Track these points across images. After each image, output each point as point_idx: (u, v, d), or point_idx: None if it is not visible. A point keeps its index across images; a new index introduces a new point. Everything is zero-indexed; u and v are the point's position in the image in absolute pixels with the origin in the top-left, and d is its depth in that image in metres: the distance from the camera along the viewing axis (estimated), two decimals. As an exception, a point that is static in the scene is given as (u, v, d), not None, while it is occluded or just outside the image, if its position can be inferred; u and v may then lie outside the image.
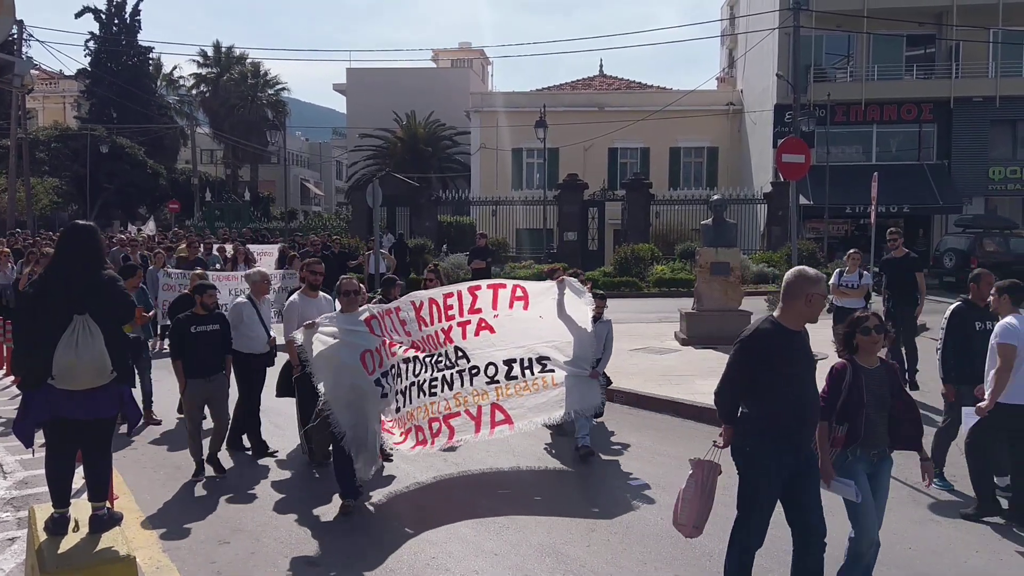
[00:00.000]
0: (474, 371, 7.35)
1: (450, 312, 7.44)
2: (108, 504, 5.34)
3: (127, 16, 54.39)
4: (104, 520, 5.17)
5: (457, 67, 57.18)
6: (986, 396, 6.50)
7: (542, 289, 7.82)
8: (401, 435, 7.05)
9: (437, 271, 10.26)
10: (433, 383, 7.21)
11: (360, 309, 6.95)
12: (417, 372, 7.12)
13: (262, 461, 8.35)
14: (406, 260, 25.34)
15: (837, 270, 12.03)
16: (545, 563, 5.77)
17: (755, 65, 36.72)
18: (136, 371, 8.87)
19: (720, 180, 38.38)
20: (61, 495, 5.15)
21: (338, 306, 7.32)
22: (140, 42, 55.08)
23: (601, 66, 47.91)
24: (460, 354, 7.34)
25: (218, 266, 16.82)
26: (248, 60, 59.91)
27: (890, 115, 32.61)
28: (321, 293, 8.29)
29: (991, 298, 6.89)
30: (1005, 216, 30.00)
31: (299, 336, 6.76)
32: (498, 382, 7.34)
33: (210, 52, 59.21)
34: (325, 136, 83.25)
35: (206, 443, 7.94)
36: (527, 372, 7.41)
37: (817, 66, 33.12)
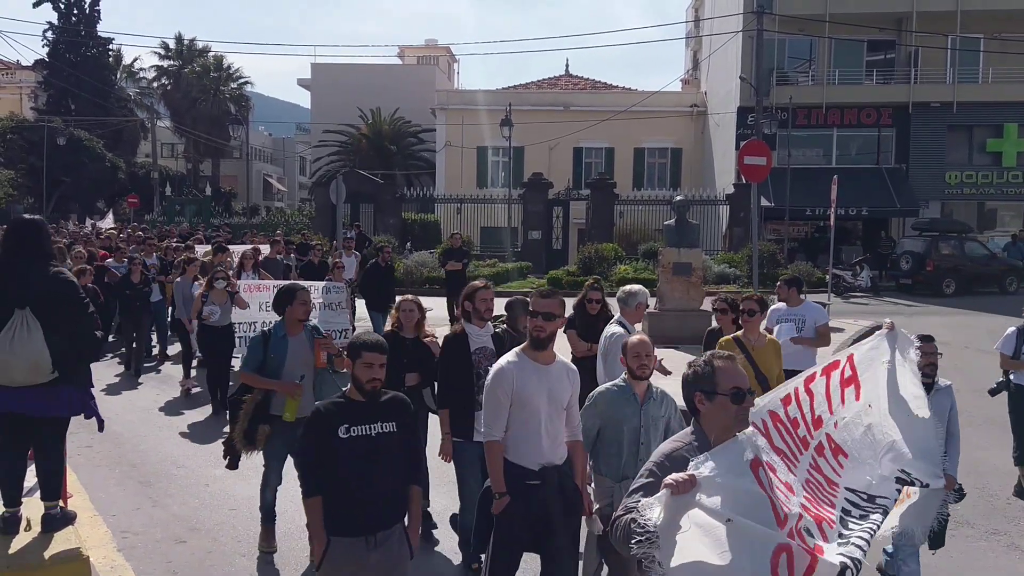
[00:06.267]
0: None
1: (799, 431, 4.28)
2: (61, 503, 5.26)
3: (86, 6, 53.38)
4: (57, 519, 5.09)
5: (423, 64, 56.98)
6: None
7: (867, 356, 4.62)
8: None
9: (599, 286, 7.62)
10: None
11: (740, 437, 3.07)
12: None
13: (220, 460, 8.25)
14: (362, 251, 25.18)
15: (1012, 329, 8.02)
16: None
17: (719, 68, 37.04)
18: None
19: (683, 181, 38.67)
20: (12, 494, 5.06)
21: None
22: (100, 33, 54.11)
23: (567, 66, 48.09)
24: (863, 498, 3.95)
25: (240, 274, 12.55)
26: (211, 53, 59.18)
27: (850, 119, 33.07)
28: (560, 358, 4.63)
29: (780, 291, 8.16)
30: (960, 220, 30.62)
31: (654, 512, 2.85)
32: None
33: (172, 44, 58.44)
34: (288, 131, 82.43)
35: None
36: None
37: (780, 69, 33.49)
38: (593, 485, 4.80)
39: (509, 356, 4.52)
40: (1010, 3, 31.40)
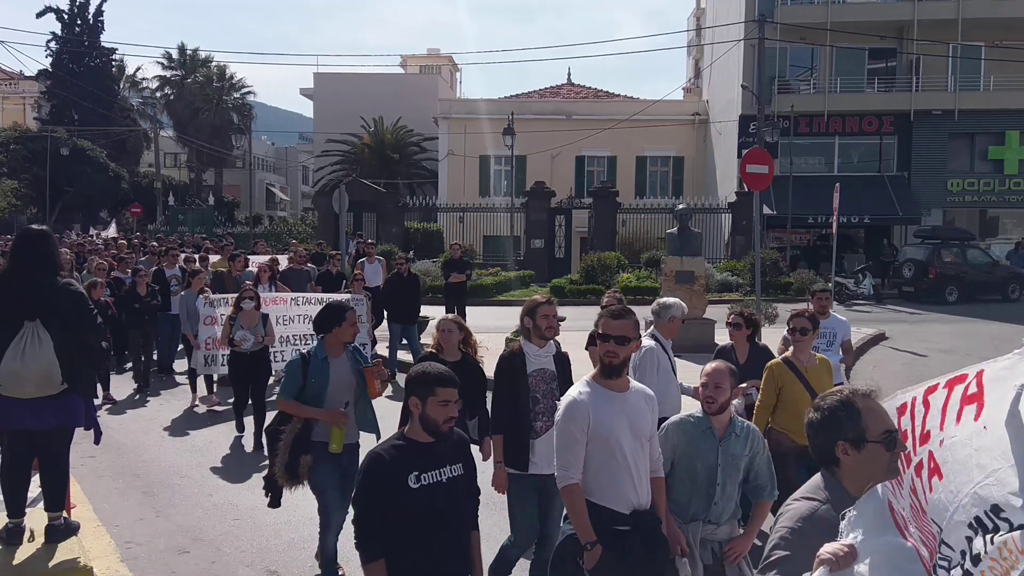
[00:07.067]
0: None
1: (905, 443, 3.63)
2: (65, 513, 5.26)
3: (90, 16, 53.68)
4: (60, 530, 5.10)
5: (425, 73, 57.14)
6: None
7: (998, 375, 3.31)
8: None
9: (621, 301, 6.98)
10: None
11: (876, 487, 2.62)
12: None
13: (223, 470, 8.26)
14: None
15: None
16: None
17: (720, 76, 37.12)
18: None
19: (685, 189, 38.70)
20: (16, 504, 5.07)
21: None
22: (103, 43, 54.39)
23: (569, 74, 48.51)
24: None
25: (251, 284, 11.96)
26: (213, 63, 59.48)
27: (852, 127, 33.09)
28: (635, 384, 4.15)
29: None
30: (962, 227, 30.62)
31: None
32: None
33: (175, 54, 58.73)
34: (291, 141, 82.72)
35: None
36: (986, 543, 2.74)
37: (781, 78, 33.55)
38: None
39: (579, 386, 4.01)
40: (1011, 11, 31.45)
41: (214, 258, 16.53)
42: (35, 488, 5.34)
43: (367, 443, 5.53)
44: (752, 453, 4.32)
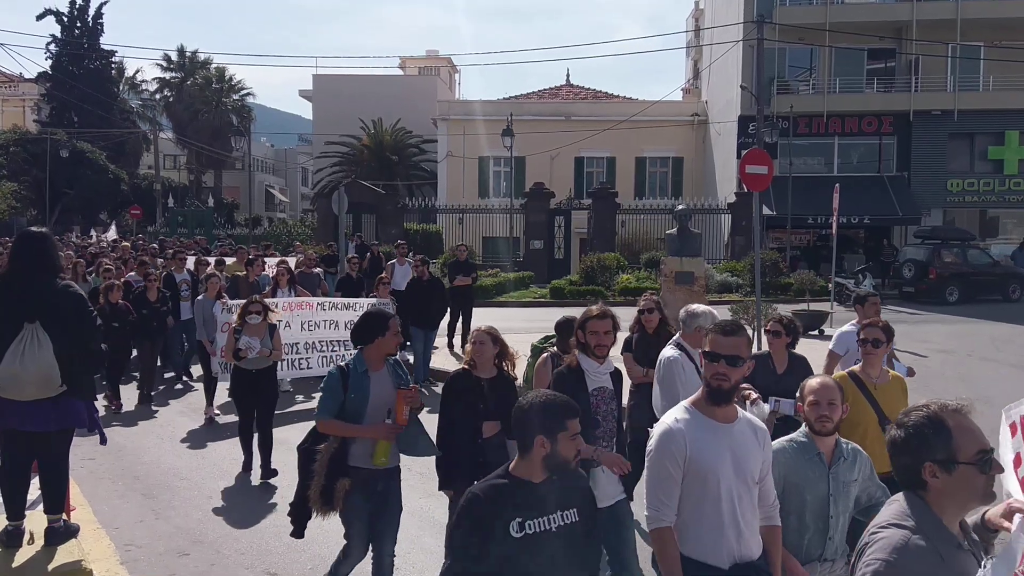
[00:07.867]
0: None
1: (1019, 471, 3.08)
2: (64, 516, 5.25)
3: (89, 19, 53.68)
4: (60, 532, 5.09)
5: (424, 75, 57.15)
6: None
7: None
8: None
9: (659, 306, 6.71)
10: None
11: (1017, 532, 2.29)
12: None
13: (223, 472, 8.25)
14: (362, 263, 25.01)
15: None
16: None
17: (720, 77, 37.13)
18: None
19: (685, 190, 38.70)
20: (15, 506, 5.06)
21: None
22: (103, 45, 54.41)
23: (568, 76, 48.16)
24: None
25: (270, 288, 11.93)
26: (213, 65, 59.53)
27: (851, 127, 33.12)
28: (744, 414, 3.52)
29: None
30: (963, 228, 30.63)
31: None
32: None
33: (174, 56, 58.76)
34: (290, 142, 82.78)
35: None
36: None
37: (780, 78, 33.56)
38: None
39: (677, 412, 3.39)
40: (1010, 11, 31.49)
41: (229, 261, 15.95)
42: (35, 490, 5.33)
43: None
44: (862, 476, 3.89)
